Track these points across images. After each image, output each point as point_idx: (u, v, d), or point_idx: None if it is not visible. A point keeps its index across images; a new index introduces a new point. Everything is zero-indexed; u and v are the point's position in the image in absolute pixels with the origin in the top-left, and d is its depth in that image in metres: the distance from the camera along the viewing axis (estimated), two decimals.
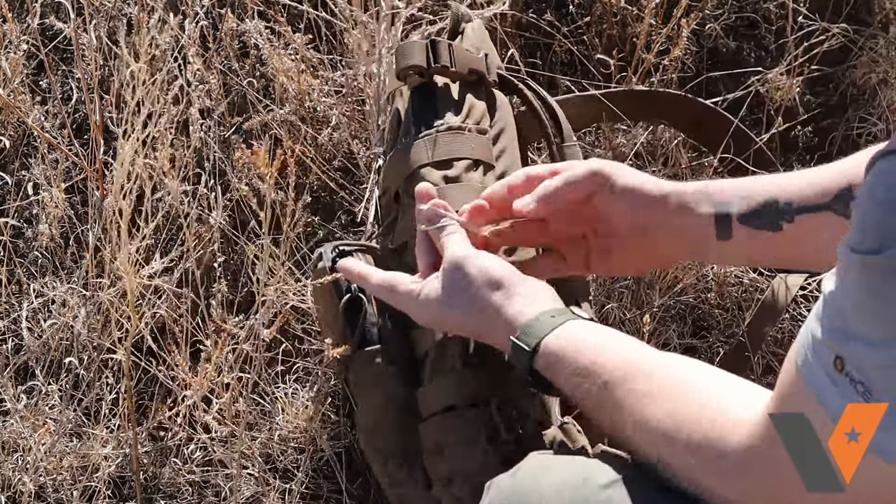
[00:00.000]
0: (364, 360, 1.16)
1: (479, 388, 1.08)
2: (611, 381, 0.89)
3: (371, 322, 1.16)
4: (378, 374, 1.15)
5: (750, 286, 1.45)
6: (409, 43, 1.20)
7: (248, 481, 1.35)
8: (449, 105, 1.19)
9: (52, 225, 1.50)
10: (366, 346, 1.16)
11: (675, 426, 0.82)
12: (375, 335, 1.16)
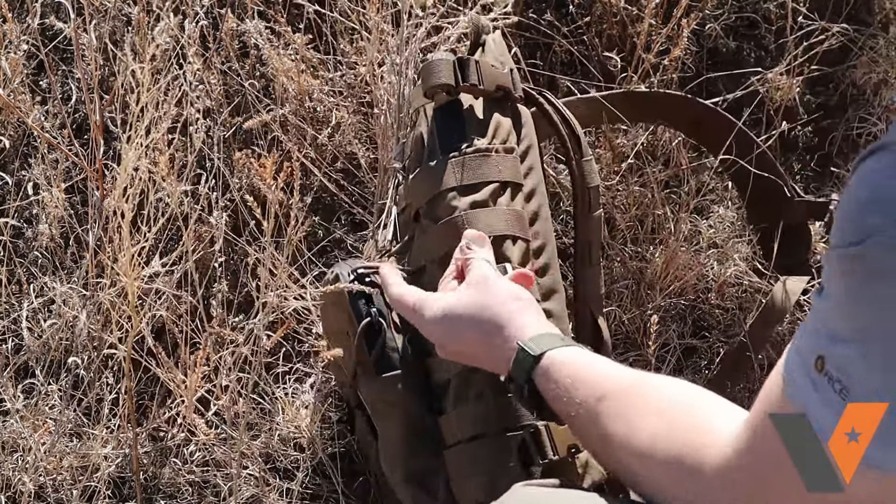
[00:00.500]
0: (384, 385, 1.16)
1: (506, 417, 1.08)
2: (607, 394, 0.90)
3: (390, 347, 1.16)
4: (398, 399, 1.15)
5: (750, 287, 1.45)
6: (436, 60, 1.19)
7: (248, 481, 1.35)
8: (475, 125, 1.18)
9: (52, 225, 1.50)
10: (383, 369, 1.16)
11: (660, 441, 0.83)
12: (395, 360, 1.16)
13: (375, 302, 1.17)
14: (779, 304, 1.35)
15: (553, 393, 0.94)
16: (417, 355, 1.15)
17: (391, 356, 1.16)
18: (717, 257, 1.49)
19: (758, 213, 1.40)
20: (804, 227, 1.41)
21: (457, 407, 1.11)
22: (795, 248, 1.40)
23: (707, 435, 0.80)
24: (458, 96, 1.19)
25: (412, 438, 1.14)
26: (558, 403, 0.94)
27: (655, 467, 0.83)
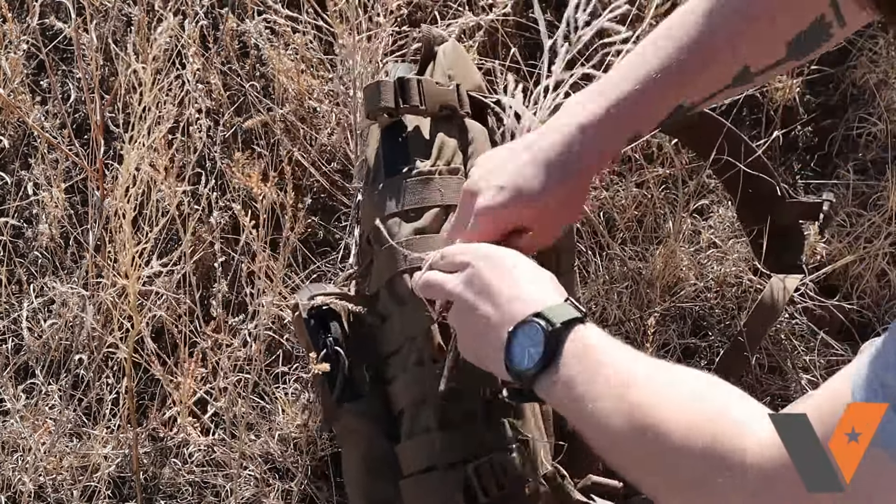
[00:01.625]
0: (345, 415, 1.16)
1: (455, 450, 1.08)
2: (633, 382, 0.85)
3: (349, 376, 1.16)
4: (358, 428, 1.15)
5: (749, 286, 1.45)
6: (377, 83, 1.17)
7: (248, 481, 1.35)
8: (419, 148, 1.17)
9: (52, 225, 1.50)
10: (345, 398, 1.15)
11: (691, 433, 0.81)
12: (358, 387, 1.15)
13: (333, 331, 1.16)
14: (772, 303, 1.35)
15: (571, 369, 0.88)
16: (378, 383, 1.15)
17: (354, 384, 1.15)
18: (716, 257, 1.49)
19: (750, 214, 1.40)
20: (796, 228, 1.41)
21: (410, 438, 1.11)
22: (788, 248, 1.41)
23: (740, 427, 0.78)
24: (400, 118, 1.18)
25: (372, 466, 1.14)
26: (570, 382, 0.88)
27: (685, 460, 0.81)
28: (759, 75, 1.02)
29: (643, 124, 1.03)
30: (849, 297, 1.47)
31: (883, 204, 1.49)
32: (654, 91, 1.01)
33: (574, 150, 1.01)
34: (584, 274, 1.47)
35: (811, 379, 1.42)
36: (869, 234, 1.48)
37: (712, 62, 1.01)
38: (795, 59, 1.02)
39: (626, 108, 1.01)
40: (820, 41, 1.00)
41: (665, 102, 1.02)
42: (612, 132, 1.02)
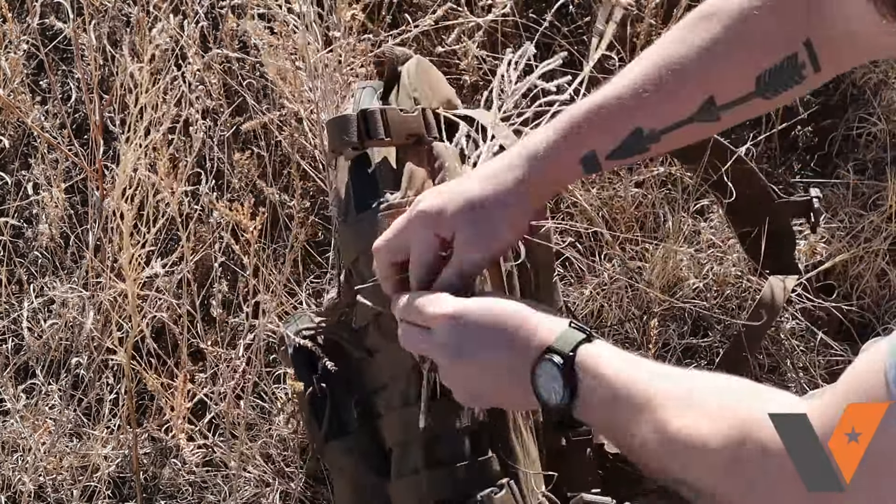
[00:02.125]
0: (333, 452, 1.15)
1: (442, 489, 1.07)
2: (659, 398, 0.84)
3: (336, 412, 1.15)
4: (346, 465, 1.15)
5: (749, 286, 1.45)
6: (339, 118, 1.15)
7: (248, 481, 1.35)
8: (388, 180, 1.15)
9: (52, 225, 1.50)
10: (333, 435, 1.15)
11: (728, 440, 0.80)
12: (346, 423, 1.15)
13: (320, 367, 1.15)
14: (771, 302, 1.35)
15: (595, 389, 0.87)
16: (367, 418, 1.14)
17: (341, 420, 1.15)
18: (716, 257, 1.49)
19: (741, 219, 1.40)
20: (788, 228, 1.41)
21: (399, 478, 1.10)
22: (782, 249, 1.41)
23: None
24: (366, 150, 1.16)
25: (362, 502, 1.14)
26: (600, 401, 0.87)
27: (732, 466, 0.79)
28: (724, 110, 0.99)
29: (597, 144, 0.99)
30: (848, 297, 1.47)
31: (882, 204, 1.49)
32: (610, 111, 0.99)
33: (515, 164, 1.00)
34: (583, 274, 1.47)
35: (811, 379, 1.42)
36: (869, 234, 1.48)
37: (673, 88, 0.98)
38: (763, 96, 0.98)
39: (576, 127, 0.99)
40: (791, 82, 0.97)
41: (619, 123, 0.99)
42: (562, 151, 0.99)
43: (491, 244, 1.01)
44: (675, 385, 0.86)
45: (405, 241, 1.01)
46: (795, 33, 0.96)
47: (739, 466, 0.78)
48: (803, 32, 0.96)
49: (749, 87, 0.98)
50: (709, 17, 0.99)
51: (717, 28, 0.99)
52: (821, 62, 0.96)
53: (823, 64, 0.96)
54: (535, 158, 0.99)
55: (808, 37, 0.96)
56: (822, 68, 0.97)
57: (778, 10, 0.97)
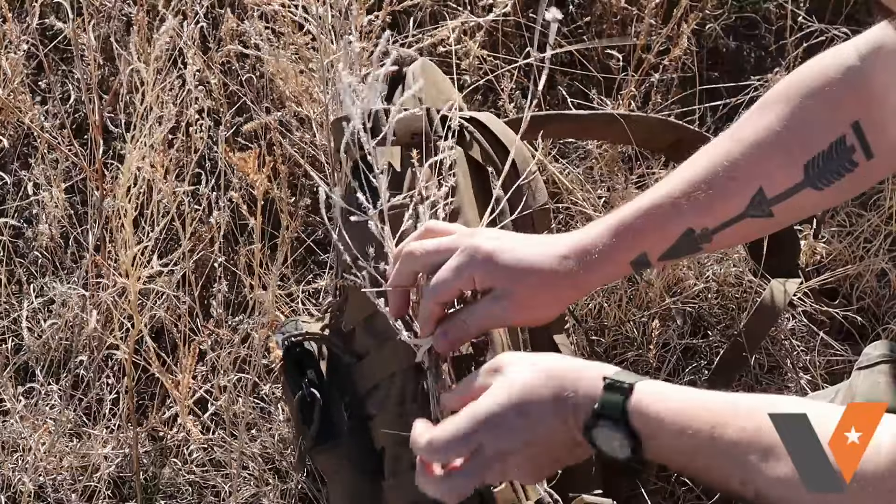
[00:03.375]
0: (324, 456, 1.16)
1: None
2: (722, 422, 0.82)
3: (326, 417, 1.15)
4: (339, 468, 1.15)
5: (749, 287, 1.45)
6: (343, 117, 1.14)
7: (247, 481, 1.35)
8: (391, 180, 1.13)
9: (52, 225, 1.50)
10: (323, 439, 1.15)
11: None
12: (336, 427, 1.15)
13: (309, 372, 1.15)
14: (772, 305, 1.35)
15: (653, 428, 0.84)
16: (357, 421, 1.14)
17: (331, 424, 1.15)
18: (716, 257, 1.49)
19: None
20: (791, 232, 1.41)
21: (394, 476, 1.10)
22: (785, 253, 1.41)
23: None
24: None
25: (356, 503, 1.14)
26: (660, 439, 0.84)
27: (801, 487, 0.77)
28: (776, 202, 0.96)
29: (650, 245, 0.98)
30: (848, 297, 1.47)
31: (882, 204, 1.49)
32: (662, 212, 0.97)
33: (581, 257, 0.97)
34: None
35: (811, 379, 1.42)
36: (868, 234, 1.48)
37: (723, 183, 0.96)
38: (814, 186, 0.95)
39: (630, 228, 0.97)
40: (842, 169, 0.94)
41: (671, 224, 0.97)
42: (616, 251, 0.98)
43: (529, 316, 1.00)
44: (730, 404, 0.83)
45: (441, 261, 0.98)
46: (843, 116, 0.93)
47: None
48: (852, 115, 0.93)
49: (798, 176, 0.95)
50: (763, 108, 0.98)
51: (768, 119, 0.97)
52: (872, 147, 0.93)
53: (875, 149, 0.93)
54: (589, 255, 0.97)
55: (856, 119, 0.93)
56: (875, 154, 0.93)
57: (825, 93, 0.95)
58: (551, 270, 0.97)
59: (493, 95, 1.59)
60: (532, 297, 0.97)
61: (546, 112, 1.45)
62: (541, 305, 0.99)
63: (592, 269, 0.98)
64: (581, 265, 0.97)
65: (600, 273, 0.99)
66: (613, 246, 0.97)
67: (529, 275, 0.96)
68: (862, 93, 0.93)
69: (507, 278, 0.97)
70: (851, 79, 0.94)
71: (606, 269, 0.99)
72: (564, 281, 0.97)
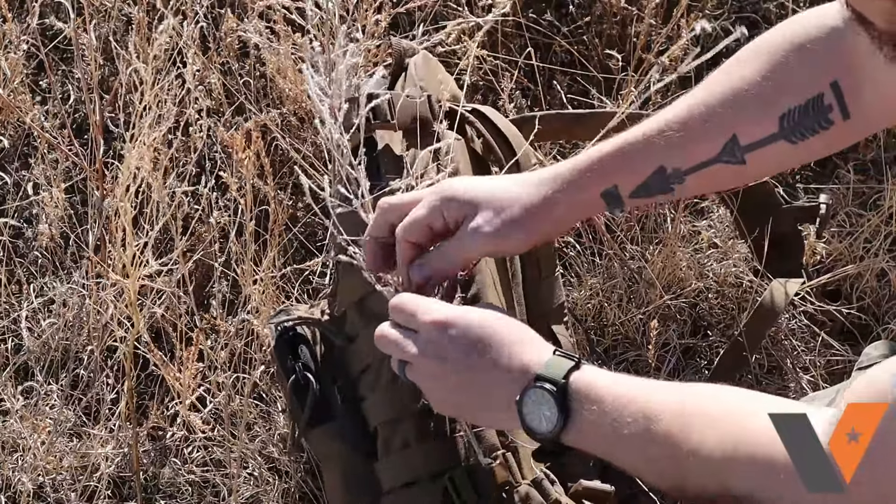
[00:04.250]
0: (317, 438, 1.16)
1: (436, 462, 1.07)
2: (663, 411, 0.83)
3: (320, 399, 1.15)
4: (332, 450, 1.15)
5: (749, 287, 1.45)
6: (348, 99, 1.15)
7: (247, 481, 1.35)
8: (390, 163, 1.15)
9: (52, 225, 1.50)
10: (317, 421, 1.15)
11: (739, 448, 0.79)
12: (330, 409, 1.15)
13: (302, 355, 1.16)
14: (773, 305, 1.35)
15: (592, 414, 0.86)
16: (351, 401, 1.14)
17: (327, 405, 1.15)
18: (716, 257, 1.49)
19: (749, 223, 1.40)
20: (795, 233, 1.41)
21: (387, 455, 1.11)
22: (788, 253, 1.41)
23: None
24: (373, 133, 1.16)
25: (352, 486, 1.14)
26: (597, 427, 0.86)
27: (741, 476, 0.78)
28: (749, 150, 0.97)
29: (621, 179, 0.99)
30: (848, 297, 1.47)
31: (882, 204, 1.49)
32: (635, 148, 0.98)
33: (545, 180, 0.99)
34: (583, 274, 1.47)
35: (811, 379, 1.42)
36: (868, 234, 1.48)
37: (697, 126, 0.98)
38: (789, 139, 0.96)
39: (602, 161, 0.99)
40: (817, 126, 0.95)
41: (644, 160, 0.99)
42: (584, 180, 0.99)
43: (501, 243, 1.00)
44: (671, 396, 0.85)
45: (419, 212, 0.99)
46: (822, 74, 0.94)
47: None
48: (831, 74, 0.94)
49: (773, 127, 0.96)
50: (742, 60, 0.99)
51: (747, 69, 0.98)
52: (850, 108, 0.94)
53: (852, 111, 0.94)
54: (559, 181, 0.99)
55: (835, 78, 0.93)
56: (851, 116, 0.94)
57: (806, 49, 0.95)
58: (518, 194, 0.98)
59: (493, 95, 1.59)
60: (502, 223, 0.98)
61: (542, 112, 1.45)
62: (512, 232, 0.99)
63: (562, 196, 0.99)
64: (550, 189, 0.98)
65: (570, 201, 0.99)
66: (584, 173, 0.99)
67: (496, 200, 0.98)
68: (843, 55, 0.94)
69: (475, 206, 0.98)
70: (833, 39, 0.95)
71: (577, 197, 0.99)
72: (534, 205, 0.98)
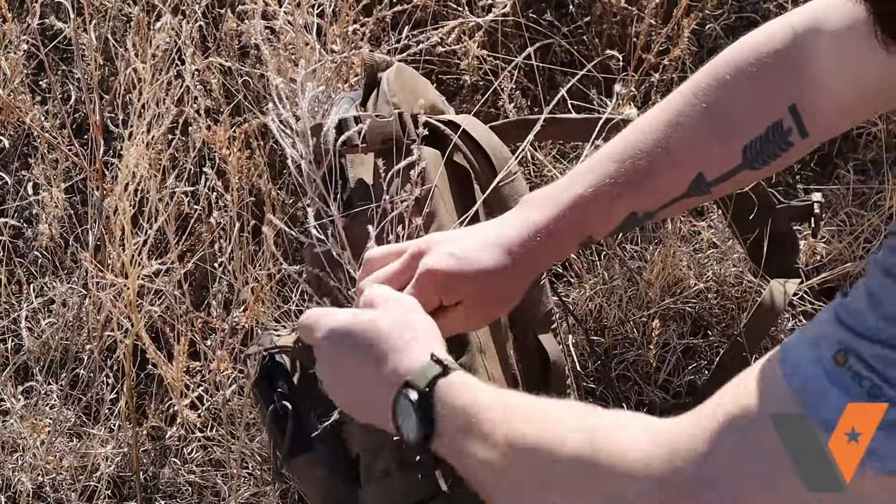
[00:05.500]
0: (300, 465, 1.15)
1: (418, 489, 1.06)
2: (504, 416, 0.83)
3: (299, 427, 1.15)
4: (313, 478, 1.15)
5: (749, 286, 1.45)
6: (316, 126, 1.14)
7: (247, 481, 1.35)
8: (363, 192, 1.14)
9: (52, 225, 1.50)
10: (297, 449, 1.15)
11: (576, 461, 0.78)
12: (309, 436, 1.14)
13: (281, 384, 1.15)
14: (772, 305, 1.35)
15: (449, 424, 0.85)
16: (331, 427, 1.14)
17: (306, 434, 1.15)
18: (716, 257, 1.49)
19: (743, 225, 1.40)
20: (790, 233, 1.41)
21: (369, 483, 1.11)
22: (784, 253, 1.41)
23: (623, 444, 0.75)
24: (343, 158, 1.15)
25: None
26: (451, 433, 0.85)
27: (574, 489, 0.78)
28: (715, 184, 0.98)
29: (595, 229, 1.01)
30: None
31: (882, 204, 1.49)
32: (604, 197, 0.99)
33: (528, 246, 1.00)
34: (583, 274, 1.47)
35: None
36: (868, 234, 1.48)
37: (663, 171, 0.98)
38: (751, 167, 0.97)
39: (577, 212, 0.99)
40: (777, 150, 0.96)
41: (616, 210, 1.00)
42: (564, 236, 1.00)
43: (490, 312, 1.04)
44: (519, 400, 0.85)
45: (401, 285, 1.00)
46: (780, 99, 0.95)
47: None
48: (789, 97, 0.94)
49: (737, 159, 0.97)
50: (696, 93, 0.99)
51: (703, 105, 0.98)
52: (807, 127, 0.94)
53: (810, 129, 0.94)
54: (535, 243, 1.00)
55: (792, 101, 0.94)
56: (811, 134, 0.95)
57: (760, 77, 0.96)
58: (504, 268, 0.99)
59: (493, 95, 1.59)
60: (492, 297, 1.01)
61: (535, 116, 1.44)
62: (502, 301, 1.03)
63: (541, 256, 1.01)
64: (532, 255, 1.00)
65: (548, 256, 1.02)
66: (559, 232, 1.00)
67: (485, 279, 0.99)
68: (797, 74, 0.94)
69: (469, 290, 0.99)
70: (787, 60, 0.95)
71: (555, 254, 1.03)
72: (518, 274, 1.00)
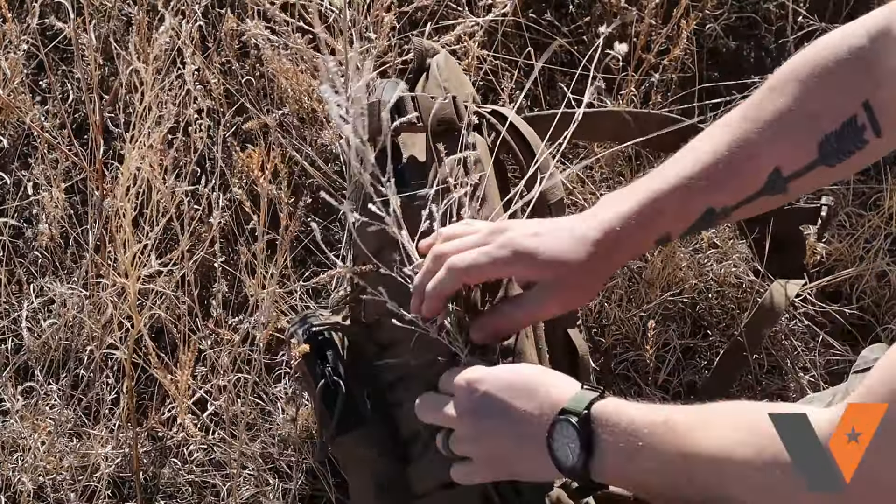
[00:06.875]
0: (346, 446, 1.16)
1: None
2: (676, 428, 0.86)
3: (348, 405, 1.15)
4: (361, 458, 1.15)
5: (750, 287, 1.45)
6: (373, 104, 1.14)
7: (247, 481, 1.35)
8: (415, 169, 1.15)
9: (52, 225, 1.50)
10: (346, 428, 1.15)
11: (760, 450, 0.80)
12: (359, 414, 1.15)
13: (331, 360, 1.16)
14: (773, 305, 1.35)
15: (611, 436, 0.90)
16: (383, 408, 1.15)
17: (356, 411, 1.15)
18: (716, 257, 1.49)
19: (751, 224, 1.40)
20: (797, 234, 1.41)
21: (425, 457, 1.10)
22: (790, 254, 1.41)
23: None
24: (397, 138, 1.16)
25: (381, 492, 1.14)
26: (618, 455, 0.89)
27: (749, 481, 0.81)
28: (791, 180, 1.00)
29: (672, 224, 1.03)
30: (849, 297, 1.47)
31: (882, 204, 1.49)
32: (681, 191, 1.01)
33: (608, 242, 1.02)
34: None
35: (811, 379, 1.42)
36: (869, 234, 1.48)
37: (741, 164, 1.00)
38: (828, 164, 0.99)
39: (654, 207, 1.02)
40: (853, 146, 0.98)
41: (692, 203, 1.02)
42: (642, 231, 1.03)
43: (564, 303, 1.06)
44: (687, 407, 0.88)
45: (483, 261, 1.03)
46: (854, 95, 0.97)
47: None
48: (862, 94, 0.96)
49: (813, 154, 0.99)
50: (774, 89, 1.01)
51: (782, 99, 1.00)
52: (881, 125, 0.96)
53: (884, 127, 0.96)
54: (617, 239, 1.02)
55: (866, 98, 0.96)
56: (884, 132, 0.96)
57: (837, 73, 0.98)
58: (587, 260, 1.02)
59: (494, 95, 1.59)
60: (572, 287, 1.04)
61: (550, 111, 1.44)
62: (580, 293, 1.06)
63: (620, 251, 1.04)
64: (611, 249, 1.03)
65: (628, 253, 1.07)
66: (639, 228, 1.03)
67: (567, 267, 1.02)
68: (871, 73, 0.96)
69: (548, 272, 1.02)
70: (861, 59, 0.97)
71: (633, 250, 1.07)
72: (598, 266, 1.03)
